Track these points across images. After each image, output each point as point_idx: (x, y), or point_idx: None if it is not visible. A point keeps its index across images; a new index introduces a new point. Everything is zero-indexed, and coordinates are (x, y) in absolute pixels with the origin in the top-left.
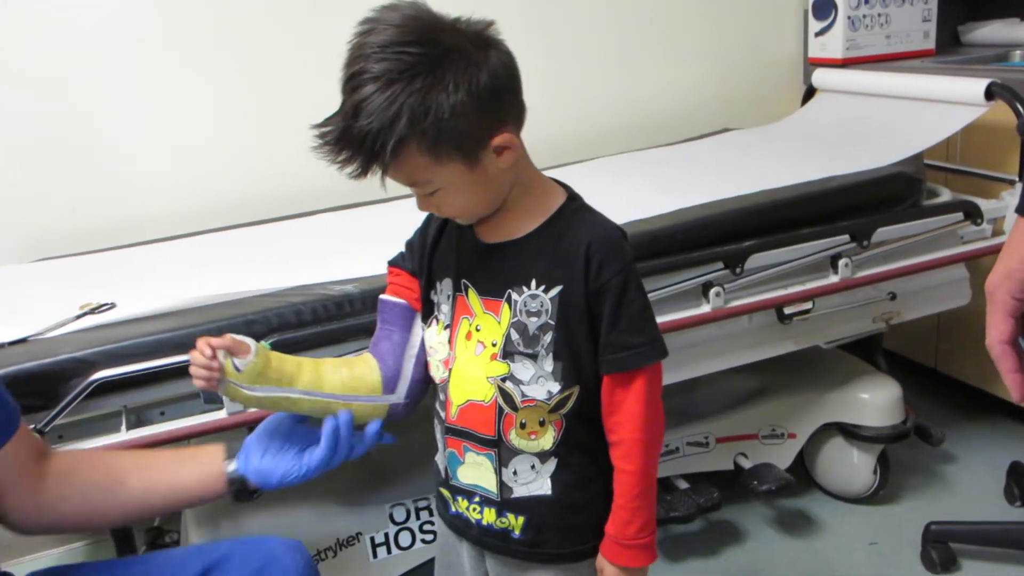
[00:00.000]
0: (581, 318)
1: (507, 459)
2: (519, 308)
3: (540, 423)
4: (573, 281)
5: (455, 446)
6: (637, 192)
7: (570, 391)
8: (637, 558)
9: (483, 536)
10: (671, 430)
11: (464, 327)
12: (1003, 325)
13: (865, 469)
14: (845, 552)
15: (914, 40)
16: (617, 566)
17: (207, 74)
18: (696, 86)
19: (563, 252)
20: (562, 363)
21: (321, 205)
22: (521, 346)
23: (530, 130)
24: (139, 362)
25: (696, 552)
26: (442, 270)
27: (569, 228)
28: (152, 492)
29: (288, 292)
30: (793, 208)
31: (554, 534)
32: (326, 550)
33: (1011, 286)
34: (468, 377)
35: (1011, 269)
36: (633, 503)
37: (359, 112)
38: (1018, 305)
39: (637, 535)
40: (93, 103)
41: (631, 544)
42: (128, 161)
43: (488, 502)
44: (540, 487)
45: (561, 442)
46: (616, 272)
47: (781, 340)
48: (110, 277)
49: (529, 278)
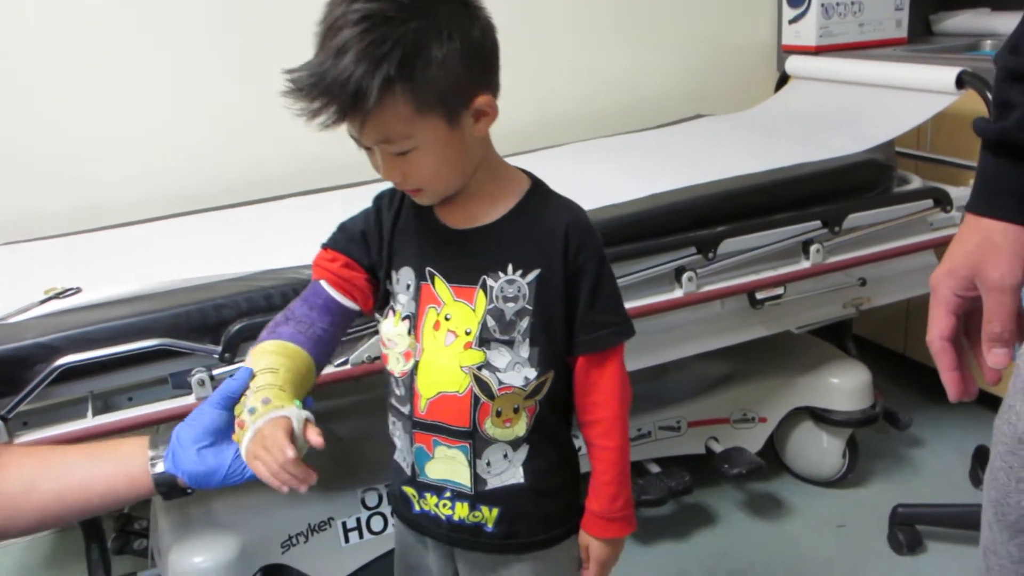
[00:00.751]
0: (558, 301)
1: (481, 450)
2: (495, 294)
3: (515, 410)
4: (552, 264)
5: (423, 441)
6: (608, 178)
7: (546, 376)
8: (623, 528)
9: (453, 532)
10: (643, 414)
11: (431, 317)
12: (944, 322)
13: (834, 453)
14: (814, 534)
15: (887, 28)
16: (604, 540)
17: (172, 55)
18: (669, 72)
19: (540, 235)
20: (539, 348)
21: (290, 189)
22: (497, 333)
23: (503, 116)
24: (105, 347)
25: (667, 535)
26: (401, 259)
27: (543, 212)
28: (65, 496)
29: (258, 276)
30: (765, 194)
31: (527, 523)
32: (297, 535)
33: (954, 283)
34: (439, 368)
35: (954, 266)
36: (618, 478)
37: (345, 51)
38: (960, 302)
39: (623, 508)
40: (50, 85)
41: (618, 517)
42: (90, 144)
43: (460, 496)
44: (513, 476)
45: (533, 428)
46: (593, 254)
47: (753, 325)
48: (75, 262)
49: (505, 263)
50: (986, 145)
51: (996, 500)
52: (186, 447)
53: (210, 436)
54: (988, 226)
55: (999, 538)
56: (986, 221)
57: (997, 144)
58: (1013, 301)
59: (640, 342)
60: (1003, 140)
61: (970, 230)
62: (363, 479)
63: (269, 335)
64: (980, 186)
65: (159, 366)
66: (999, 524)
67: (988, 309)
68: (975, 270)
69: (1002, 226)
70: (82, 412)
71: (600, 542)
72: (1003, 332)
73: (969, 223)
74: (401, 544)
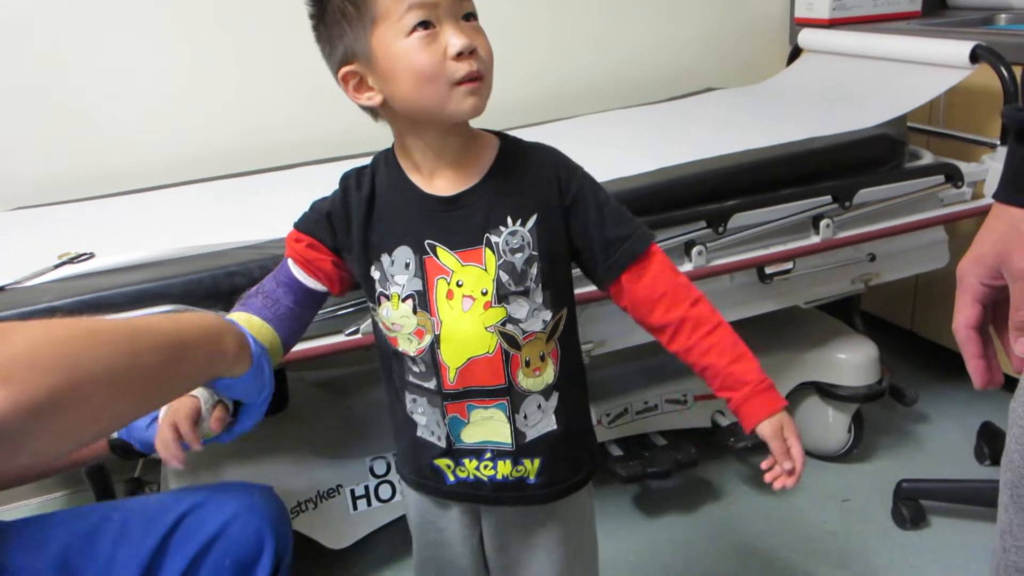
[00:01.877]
0: (561, 239)
1: (518, 404)
2: (502, 249)
3: (541, 357)
4: (549, 205)
5: (456, 410)
6: (620, 150)
7: (560, 315)
8: (777, 398)
9: (497, 492)
10: (650, 387)
11: (442, 288)
12: (970, 310)
13: (840, 428)
14: (819, 508)
15: (900, 2)
16: (771, 416)
17: (185, 21)
18: (680, 45)
19: (531, 181)
20: (551, 291)
21: (305, 158)
22: (513, 286)
23: (514, 87)
24: (118, 312)
25: (674, 507)
26: (389, 241)
27: (524, 158)
28: None
29: (270, 244)
30: (776, 168)
31: (564, 467)
32: (306, 501)
33: (980, 271)
34: (463, 336)
35: (981, 254)
36: (738, 349)
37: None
38: (987, 291)
39: (764, 378)
40: (66, 50)
41: (767, 386)
42: (105, 110)
43: (501, 455)
44: (548, 424)
45: (560, 373)
46: (582, 179)
47: (761, 299)
48: (89, 227)
49: (504, 216)
50: (1016, 134)
51: (1012, 483)
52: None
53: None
54: (1015, 214)
55: (1016, 519)
56: (1014, 210)
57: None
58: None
59: None
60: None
61: (997, 218)
62: (371, 447)
63: (239, 307)
64: (1008, 175)
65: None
66: (1015, 506)
67: (1015, 297)
68: (1002, 258)
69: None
70: None
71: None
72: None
73: (996, 211)
74: (418, 522)
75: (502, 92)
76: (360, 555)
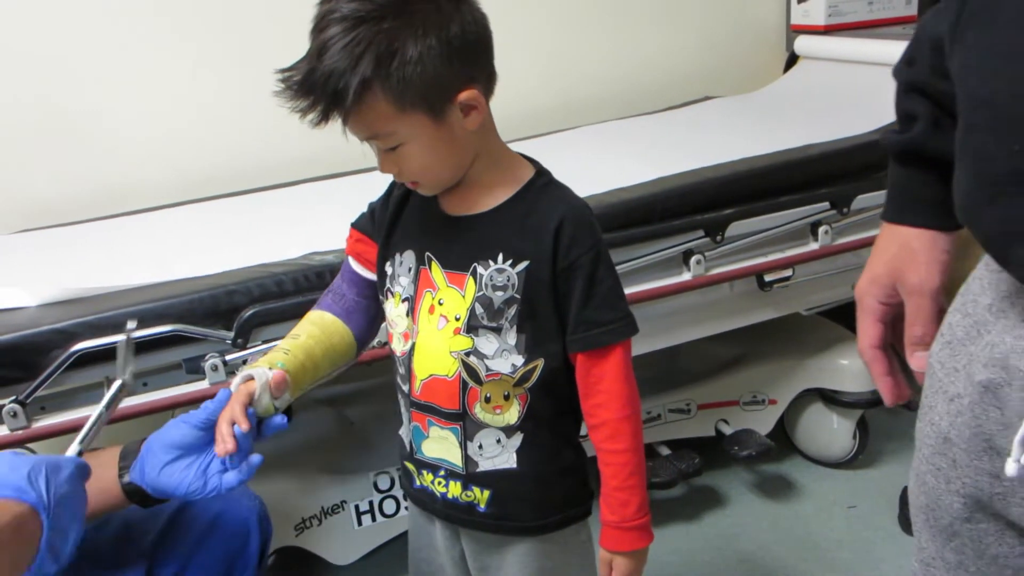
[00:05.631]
0: (547, 294)
1: (472, 433)
2: (485, 282)
3: (505, 397)
4: (541, 257)
5: (419, 420)
6: (618, 161)
7: (534, 364)
8: (640, 539)
9: (448, 509)
10: (653, 397)
11: (427, 300)
12: (872, 331)
13: (844, 434)
14: (824, 515)
15: (896, 7)
16: (623, 553)
17: (189, 42)
18: (677, 53)
19: (532, 227)
20: (525, 336)
21: (302, 175)
22: (485, 320)
23: (511, 100)
24: (120, 333)
25: (678, 517)
26: (403, 243)
27: (538, 203)
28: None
29: (269, 263)
30: (773, 176)
31: (521, 507)
32: (311, 518)
33: (877, 291)
34: (431, 351)
35: (876, 275)
36: (628, 482)
37: (324, 52)
38: (886, 310)
39: (636, 515)
40: (70, 73)
41: (632, 526)
42: (108, 132)
43: (453, 475)
44: (506, 461)
45: (526, 416)
46: (587, 250)
47: (761, 307)
48: (93, 249)
49: (496, 252)
50: (895, 156)
51: (926, 506)
52: (152, 459)
53: (176, 450)
54: (905, 233)
55: (933, 547)
56: (902, 229)
57: (904, 154)
58: (933, 304)
59: (649, 326)
60: (909, 150)
61: (888, 239)
62: (375, 462)
63: (316, 306)
64: (893, 196)
65: (173, 352)
66: (930, 531)
67: (910, 313)
68: (896, 277)
69: (917, 232)
70: (98, 397)
71: (620, 556)
72: (924, 335)
73: (886, 232)
74: (413, 526)
75: (504, 105)
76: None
